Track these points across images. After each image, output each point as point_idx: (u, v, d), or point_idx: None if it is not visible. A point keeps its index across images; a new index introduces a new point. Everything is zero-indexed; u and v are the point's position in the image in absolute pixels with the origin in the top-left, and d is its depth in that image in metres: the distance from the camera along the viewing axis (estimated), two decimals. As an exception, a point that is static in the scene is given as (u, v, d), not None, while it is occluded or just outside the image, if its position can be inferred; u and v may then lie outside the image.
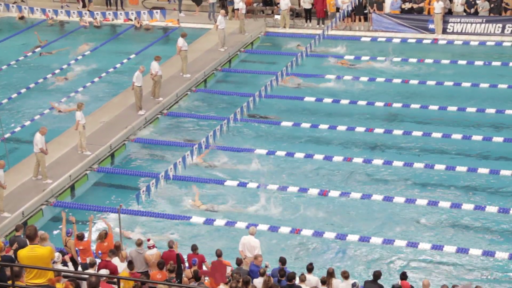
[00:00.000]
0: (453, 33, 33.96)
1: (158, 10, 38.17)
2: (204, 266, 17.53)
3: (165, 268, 16.48)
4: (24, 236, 15.43)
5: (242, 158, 24.96)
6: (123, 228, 19.83)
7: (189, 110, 28.83)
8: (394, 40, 34.15)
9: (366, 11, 35.43)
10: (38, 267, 12.27)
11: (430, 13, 34.39)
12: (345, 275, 16.40)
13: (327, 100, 28.68)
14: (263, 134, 26.86)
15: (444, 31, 34.00)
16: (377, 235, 20.62)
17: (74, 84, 31.02)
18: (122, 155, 25.79)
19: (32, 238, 12.48)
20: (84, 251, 17.95)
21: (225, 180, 23.62)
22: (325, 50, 33.28)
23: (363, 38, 34.47)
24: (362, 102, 28.31)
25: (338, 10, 35.35)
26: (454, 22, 34.00)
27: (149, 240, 17.73)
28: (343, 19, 35.01)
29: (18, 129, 27.15)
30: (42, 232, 15.89)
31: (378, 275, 16.25)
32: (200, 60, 31.96)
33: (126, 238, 20.28)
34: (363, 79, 30.29)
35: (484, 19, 33.64)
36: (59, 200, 22.85)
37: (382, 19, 34.77)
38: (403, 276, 16.56)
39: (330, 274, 16.44)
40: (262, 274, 16.15)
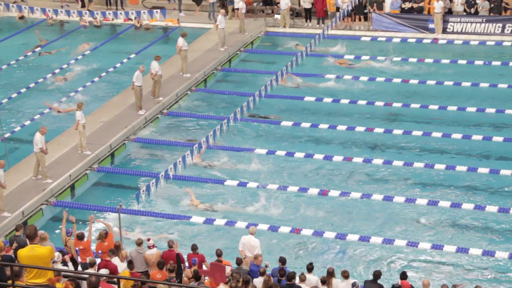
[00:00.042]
0: (453, 32, 33.95)
1: (158, 10, 38.15)
2: (204, 266, 17.54)
3: (165, 267, 16.48)
4: (24, 235, 15.42)
5: (242, 158, 24.95)
6: (123, 227, 19.84)
7: (189, 109, 28.82)
8: (394, 39, 34.12)
9: (366, 11, 35.41)
10: (38, 267, 12.26)
11: (430, 12, 34.38)
12: (345, 275, 16.40)
13: (327, 99, 28.66)
14: (263, 133, 26.84)
15: (444, 31, 33.98)
16: (377, 235, 20.62)
17: (74, 83, 30.99)
18: (122, 155, 25.78)
19: (32, 237, 12.48)
20: (84, 251, 17.94)
21: (225, 179, 23.62)
22: (325, 50, 33.28)
23: (363, 38, 34.44)
24: (362, 102, 28.30)
25: (338, 9, 35.34)
26: (454, 22, 33.99)
27: (149, 239, 17.73)
28: (343, 19, 35.00)
29: (18, 128, 27.13)
30: (42, 231, 15.92)
31: (378, 275, 16.24)
32: (200, 59, 31.94)
33: (124, 237, 20.25)
34: (363, 79, 30.26)
35: (484, 19, 33.63)
36: (59, 199, 22.85)
37: (382, 19, 34.76)
38: (403, 275, 16.56)
39: (330, 273, 16.44)
40: (262, 274, 16.15)
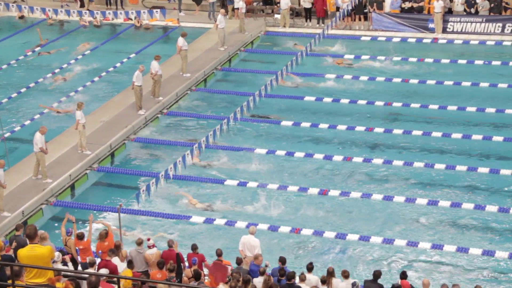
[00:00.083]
0: (453, 32, 33.94)
1: (158, 10, 38.14)
2: (204, 266, 17.52)
3: (165, 267, 16.47)
4: (24, 235, 15.41)
5: (242, 158, 24.95)
6: (123, 227, 19.84)
7: (189, 109, 28.81)
8: (394, 39, 34.10)
9: (366, 10, 35.40)
10: (38, 267, 12.26)
11: (430, 12, 34.36)
12: (345, 275, 16.40)
13: (327, 99, 28.65)
14: (263, 133, 26.84)
15: (444, 31, 33.96)
16: (377, 235, 20.62)
17: (74, 83, 30.98)
18: (122, 155, 25.78)
19: (32, 237, 12.48)
20: (84, 251, 17.93)
21: (225, 179, 23.62)
22: (325, 50, 33.27)
23: (363, 38, 34.42)
24: (362, 102, 28.30)
25: (338, 9, 35.33)
26: (454, 22, 33.97)
27: (149, 239, 17.73)
28: (343, 19, 34.99)
29: (18, 128, 27.12)
30: (42, 231, 15.90)
31: (378, 275, 16.24)
32: (200, 59, 31.93)
33: (124, 237, 20.24)
34: (363, 79, 30.26)
35: (484, 19, 33.62)
36: (59, 199, 22.84)
37: (382, 19, 34.75)
38: (403, 275, 16.56)
39: (330, 273, 16.43)
40: (262, 274, 16.15)
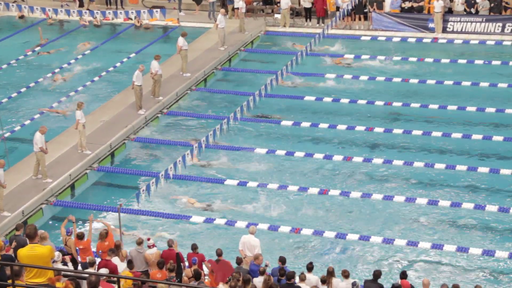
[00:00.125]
0: (453, 32, 33.93)
1: (158, 9, 38.13)
2: (204, 266, 17.52)
3: (165, 267, 16.47)
4: (24, 235, 15.42)
5: (242, 157, 24.95)
6: (123, 227, 19.84)
7: (189, 109, 28.81)
8: (394, 39, 34.09)
9: (366, 10, 35.39)
10: (38, 266, 12.26)
11: (430, 12, 34.35)
12: (345, 274, 16.41)
13: (327, 99, 28.64)
14: (263, 133, 26.84)
15: (444, 30, 33.96)
16: (377, 234, 20.62)
17: (74, 83, 30.97)
18: (122, 154, 25.78)
19: (32, 237, 12.48)
20: (84, 251, 17.94)
21: (225, 179, 23.62)
22: (324, 49, 33.25)
23: (363, 37, 34.41)
24: (362, 101, 28.30)
25: (338, 9, 35.33)
26: (454, 21, 33.97)
27: (149, 239, 17.73)
28: (343, 18, 34.99)
29: (18, 128, 27.11)
30: (42, 231, 15.91)
31: (378, 274, 16.25)
32: (200, 59, 31.93)
33: (123, 237, 20.24)
34: (363, 78, 30.26)
35: (484, 18, 33.62)
36: (59, 199, 22.85)
37: (382, 18, 34.74)
38: (403, 275, 16.55)
39: (330, 273, 16.43)
40: (262, 273, 16.15)
